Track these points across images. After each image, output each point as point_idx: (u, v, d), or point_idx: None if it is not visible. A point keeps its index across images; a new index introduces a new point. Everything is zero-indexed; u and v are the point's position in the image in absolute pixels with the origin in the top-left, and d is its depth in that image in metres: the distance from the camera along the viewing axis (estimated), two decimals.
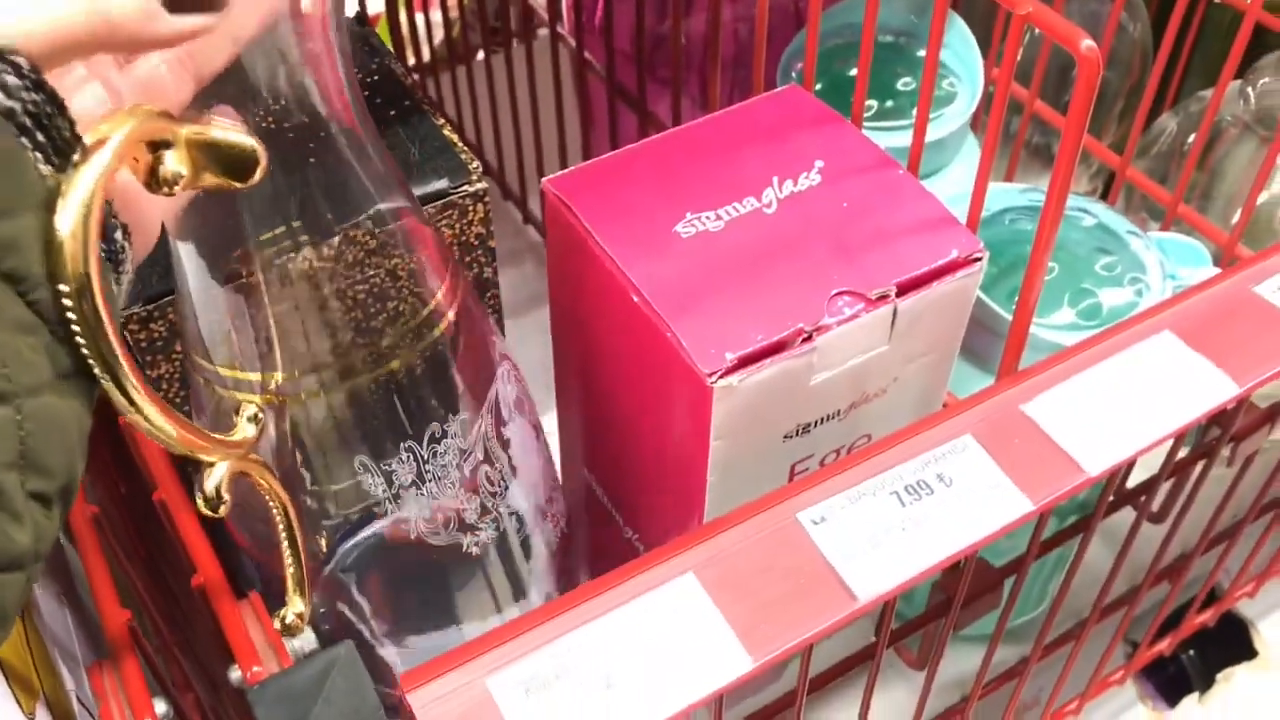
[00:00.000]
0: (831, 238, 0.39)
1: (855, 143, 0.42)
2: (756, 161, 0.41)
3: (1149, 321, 0.39)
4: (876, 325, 0.38)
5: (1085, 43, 0.31)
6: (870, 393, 0.41)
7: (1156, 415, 0.36)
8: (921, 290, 0.38)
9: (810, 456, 0.41)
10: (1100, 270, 0.44)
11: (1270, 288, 0.40)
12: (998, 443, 0.36)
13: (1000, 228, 0.46)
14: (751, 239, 0.39)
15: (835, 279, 0.38)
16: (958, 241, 0.39)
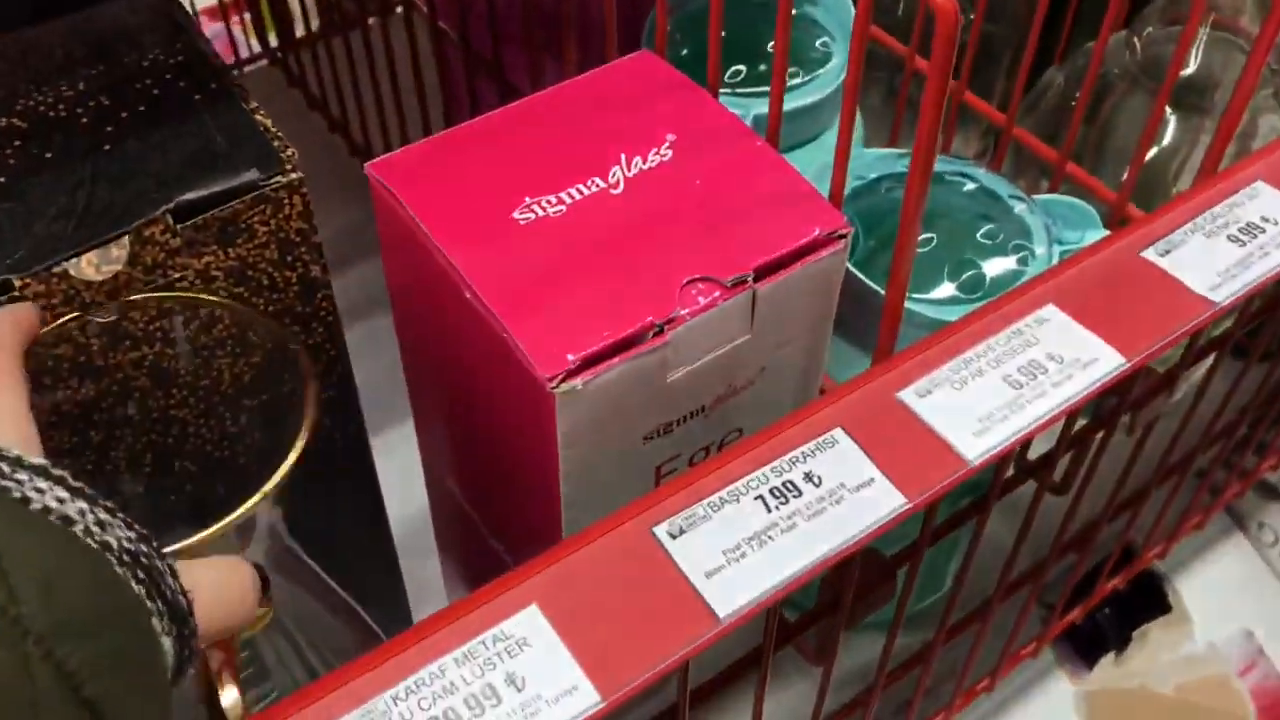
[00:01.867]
0: (683, 219, 0.36)
1: (711, 113, 0.39)
2: (603, 137, 0.38)
3: (1030, 294, 0.36)
4: (735, 314, 0.35)
5: None
6: (738, 385, 0.37)
7: (1042, 396, 0.34)
8: (783, 274, 0.35)
9: (677, 456, 0.38)
10: (982, 239, 0.42)
11: (1157, 252, 0.37)
12: (871, 435, 0.33)
13: (877, 197, 0.43)
14: (596, 224, 0.35)
15: (688, 265, 0.34)
16: (820, 218, 0.35)
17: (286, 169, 0.35)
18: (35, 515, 0.23)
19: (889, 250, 0.41)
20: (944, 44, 0.29)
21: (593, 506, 0.37)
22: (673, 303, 0.34)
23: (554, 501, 0.36)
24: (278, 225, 0.35)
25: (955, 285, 0.41)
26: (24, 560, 0.22)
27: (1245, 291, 0.36)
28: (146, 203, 0.34)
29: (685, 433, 0.37)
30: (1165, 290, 0.36)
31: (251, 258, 0.36)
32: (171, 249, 0.34)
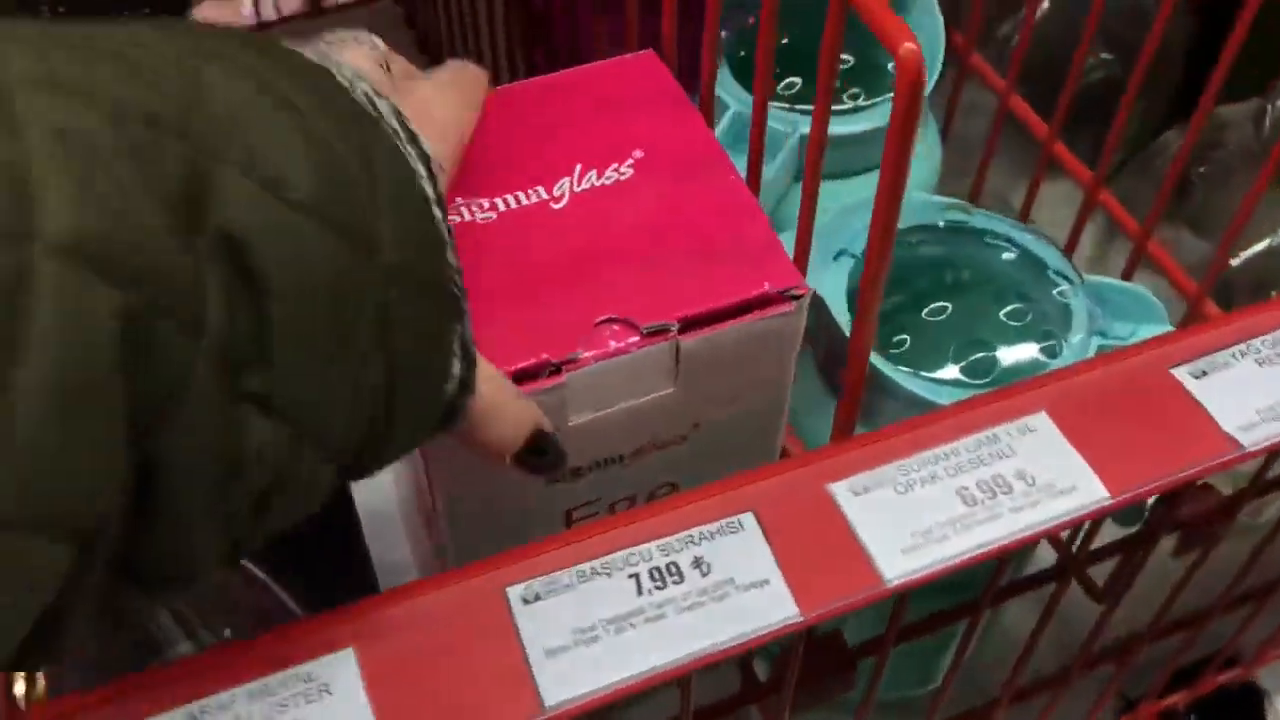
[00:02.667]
0: (621, 250, 0.32)
1: (692, 134, 0.34)
2: (565, 142, 0.34)
3: (1023, 395, 0.31)
4: (651, 364, 0.31)
5: (906, 45, 0.23)
6: (664, 439, 0.33)
7: (995, 519, 0.29)
8: (714, 329, 0.31)
9: (596, 501, 0.35)
10: (1005, 318, 0.36)
11: (1191, 371, 0.32)
12: (783, 527, 0.29)
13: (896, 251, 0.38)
14: (525, 239, 0.32)
15: (609, 303, 0.30)
16: (775, 274, 0.31)
17: None
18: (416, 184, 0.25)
19: (900, 315, 0.37)
20: (904, 98, 0.24)
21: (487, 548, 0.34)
22: (576, 342, 0.30)
23: (440, 535, 0.33)
24: None
25: (960, 367, 0.36)
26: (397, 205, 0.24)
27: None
28: None
29: (600, 480, 0.34)
30: (1186, 419, 0.31)
31: None
32: None
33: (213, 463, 0.21)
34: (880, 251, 0.27)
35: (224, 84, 0.21)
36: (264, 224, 0.21)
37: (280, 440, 0.22)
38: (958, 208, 0.38)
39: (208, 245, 0.20)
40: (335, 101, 0.24)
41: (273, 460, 0.22)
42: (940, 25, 0.44)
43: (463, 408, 0.27)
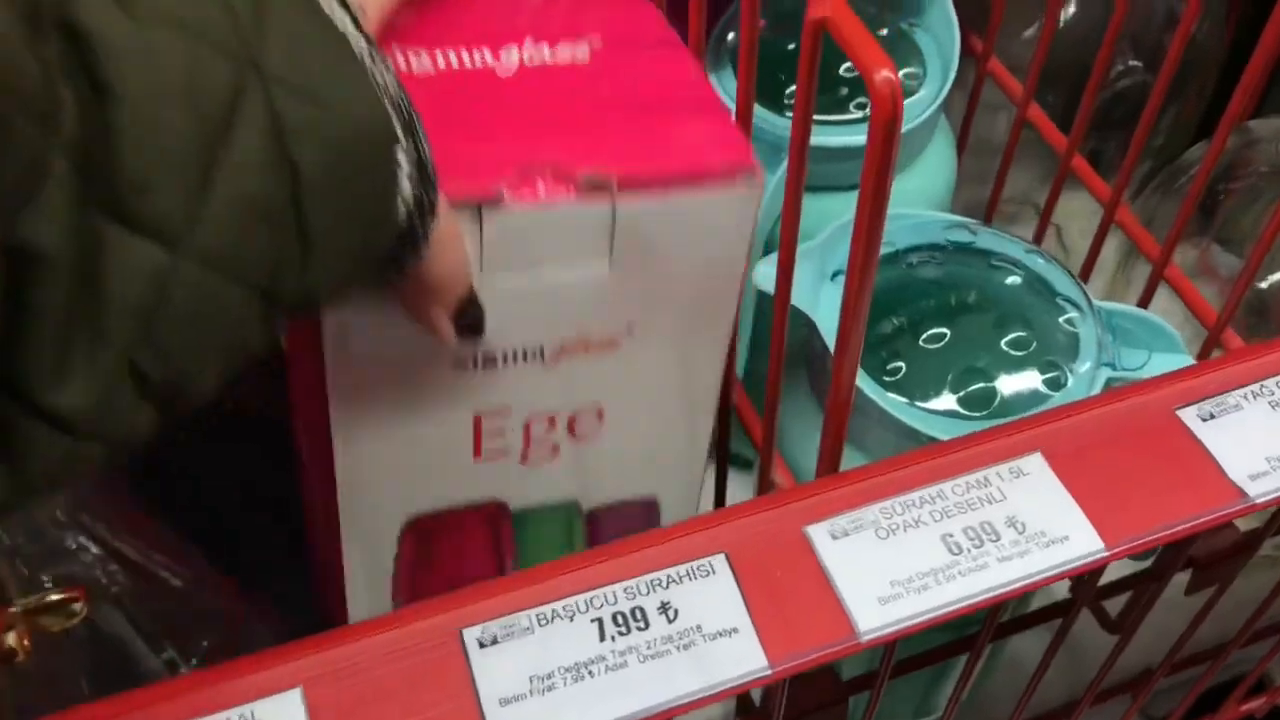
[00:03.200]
0: (565, 118, 0.30)
1: (654, 30, 0.32)
2: (527, 14, 0.32)
3: (1016, 435, 0.29)
4: (585, 224, 0.28)
5: (882, 73, 0.22)
6: (592, 340, 0.31)
7: (980, 570, 0.27)
8: (657, 194, 0.28)
9: (505, 414, 0.32)
10: (1007, 346, 0.35)
11: (1198, 414, 0.30)
12: (757, 572, 0.27)
13: (897, 272, 0.36)
14: (461, 99, 0.30)
15: (543, 149, 0.28)
16: (726, 151, 0.29)
17: None
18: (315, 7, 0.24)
19: (898, 342, 0.35)
20: (878, 131, 0.23)
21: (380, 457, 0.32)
22: (503, 184, 0.28)
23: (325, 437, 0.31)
24: None
25: (957, 398, 0.34)
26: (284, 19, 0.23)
27: None
28: None
29: (516, 380, 0.31)
30: (1191, 465, 0.29)
31: None
32: None
33: (71, 264, 0.21)
34: (860, 284, 0.25)
35: None
36: (111, 31, 0.21)
37: (142, 251, 0.22)
38: (962, 226, 0.37)
39: (57, 53, 0.21)
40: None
41: (138, 272, 0.22)
42: (955, 31, 0.43)
43: (425, 231, 0.26)
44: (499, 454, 0.34)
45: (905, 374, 0.34)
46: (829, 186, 0.42)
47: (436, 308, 0.28)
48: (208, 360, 0.24)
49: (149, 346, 0.22)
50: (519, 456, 0.35)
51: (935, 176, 0.44)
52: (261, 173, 0.23)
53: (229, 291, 0.23)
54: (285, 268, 0.24)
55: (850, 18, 0.22)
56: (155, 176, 0.21)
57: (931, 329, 0.35)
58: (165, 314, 0.22)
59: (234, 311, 0.23)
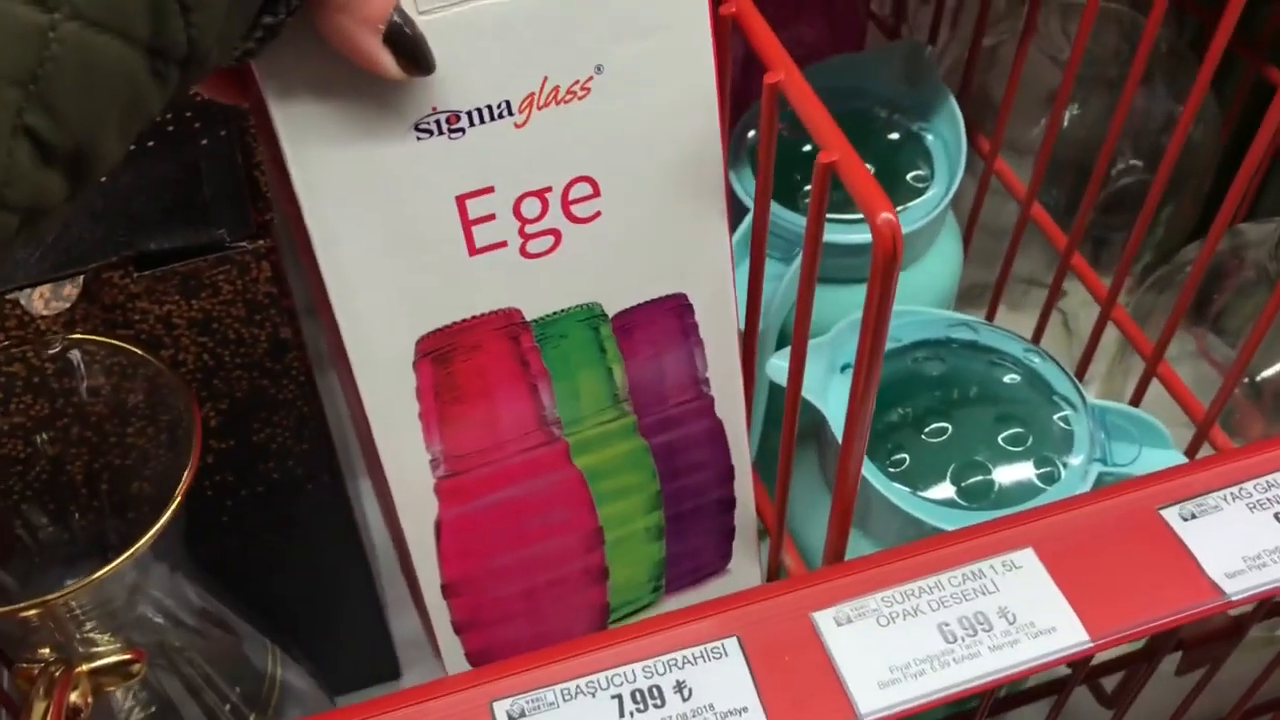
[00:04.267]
0: None
1: None
2: None
3: (1010, 531, 0.32)
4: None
5: (883, 215, 0.24)
6: (561, 85, 0.29)
7: (973, 657, 0.29)
8: None
9: (489, 193, 0.30)
10: (1004, 442, 0.37)
11: (1180, 514, 0.32)
12: (767, 655, 0.29)
13: (903, 366, 0.39)
14: None
15: None
16: None
17: (254, 235, 0.34)
18: None
19: (896, 433, 0.38)
20: (881, 269, 0.25)
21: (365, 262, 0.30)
22: None
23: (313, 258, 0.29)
24: (244, 286, 0.35)
25: (957, 489, 0.36)
26: None
27: (1267, 590, 0.31)
28: (111, 245, 0.34)
29: (491, 148, 0.29)
30: (1171, 563, 0.31)
31: (216, 312, 0.35)
32: (131, 293, 0.34)
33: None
34: (864, 390, 0.28)
35: None
36: None
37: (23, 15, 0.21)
38: (965, 325, 0.39)
39: None
40: None
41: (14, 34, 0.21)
42: (963, 136, 0.45)
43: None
44: (495, 246, 0.32)
45: (909, 464, 0.37)
46: (841, 279, 0.45)
47: (363, 31, 0.26)
48: (105, 121, 0.23)
49: (40, 110, 0.22)
50: (518, 249, 0.32)
51: (941, 270, 0.46)
52: None
53: (112, 46, 0.22)
54: (166, 17, 0.23)
55: (856, 163, 0.25)
56: None
57: (934, 422, 0.37)
58: (50, 74, 0.22)
59: (121, 68, 0.23)
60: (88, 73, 0.22)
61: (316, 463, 0.42)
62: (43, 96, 0.22)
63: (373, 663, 0.53)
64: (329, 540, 0.46)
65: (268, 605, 0.42)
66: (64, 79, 0.22)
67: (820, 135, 0.26)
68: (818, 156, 0.26)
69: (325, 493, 0.43)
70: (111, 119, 0.23)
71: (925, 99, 0.47)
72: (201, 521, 0.41)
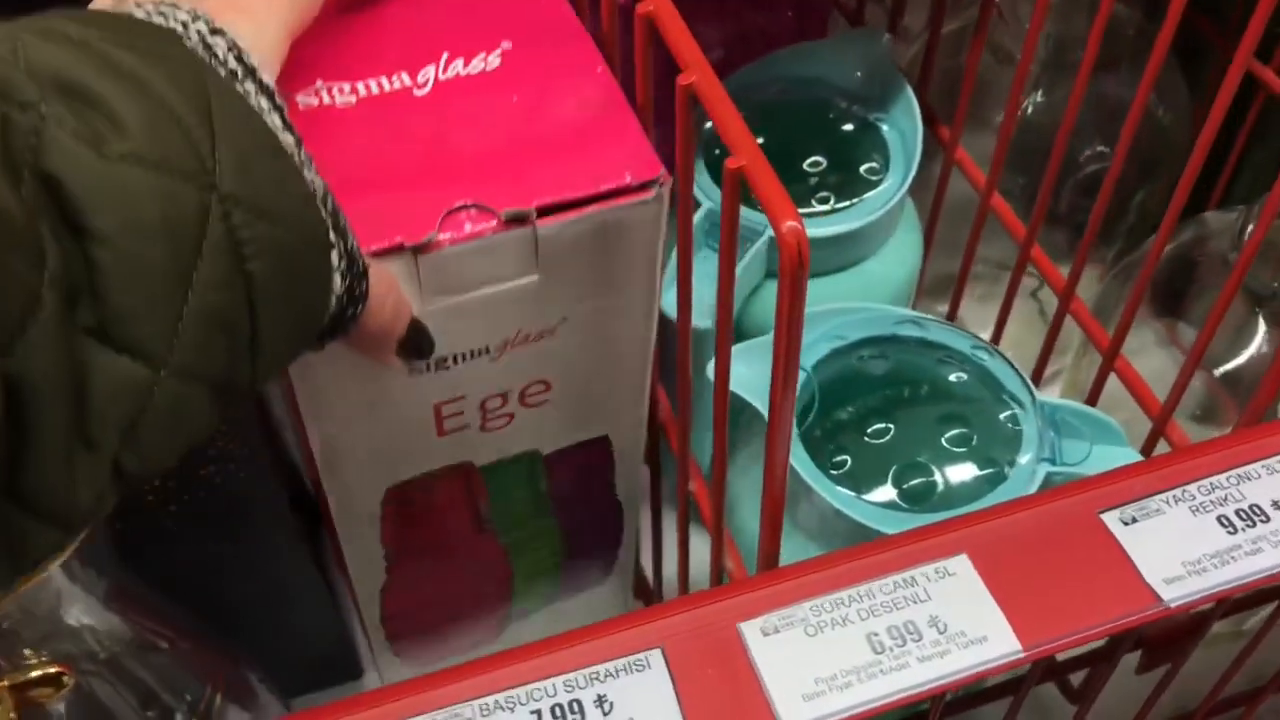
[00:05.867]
0: (482, 137, 0.33)
1: (563, 26, 0.35)
2: (435, 30, 0.35)
3: (944, 537, 0.31)
4: (511, 250, 0.32)
5: (788, 224, 0.23)
6: (531, 332, 0.35)
7: (901, 669, 0.29)
8: (573, 214, 0.32)
9: (461, 399, 0.36)
10: (948, 443, 0.36)
11: (1120, 518, 0.31)
12: (691, 668, 0.29)
13: (848, 364, 0.38)
14: (383, 124, 0.33)
15: (466, 188, 0.32)
16: (636, 164, 0.32)
17: None
18: (254, 117, 0.26)
19: (845, 435, 0.37)
20: (788, 278, 0.24)
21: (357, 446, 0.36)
22: (432, 225, 0.31)
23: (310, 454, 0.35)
24: None
25: (899, 491, 0.35)
26: (233, 138, 0.25)
27: (1207, 595, 0.30)
28: None
29: (470, 373, 0.35)
30: (1110, 569, 0.30)
31: None
32: None
33: (64, 387, 0.23)
34: (782, 396, 0.27)
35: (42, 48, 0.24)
36: (84, 175, 0.23)
37: (127, 371, 0.24)
38: (912, 322, 0.38)
39: (31, 192, 0.22)
40: (169, 51, 0.26)
41: (125, 390, 0.24)
42: (918, 125, 0.44)
43: (355, 317, 0.29)
44: (459, 429, 0.38)
45: (851, 466, 0.36)
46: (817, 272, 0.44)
47: (385, 349, 0.32)
48: (177, 451, 0.26)
49: (132, 450, 0.24)
50: (478, 428, 0.38)
51: (899, 263, 0.46)
52: (224, 288, 0.25)
53: (198, 395, 0.25)
54: (238, 365, 0.26)
55: (764, 168, 0.24)
56: (138, 305, 0.23)
57: (878, 422, 0.37)
58: (146, 422, 0.24)
59: (201, 411, 0.26)
60: (174, 418, 0.25)
61: (259, 466, 0.41)
62: (137, 440, 0.24)
63: (333, 663, 0.52)
64: (280, 542, 0.45)
65: (218, 610, 0.42)
66: (155, 426, 0.25)
67: (730, 139, 0.25)
68: (725, 161, 0.25)
69: (270, 498, 0.43)
70: (180, 449, 0.26)
71: (882, 88, 0.46)
72: (142, 529, 0.40)
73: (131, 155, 0.23)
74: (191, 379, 0.25)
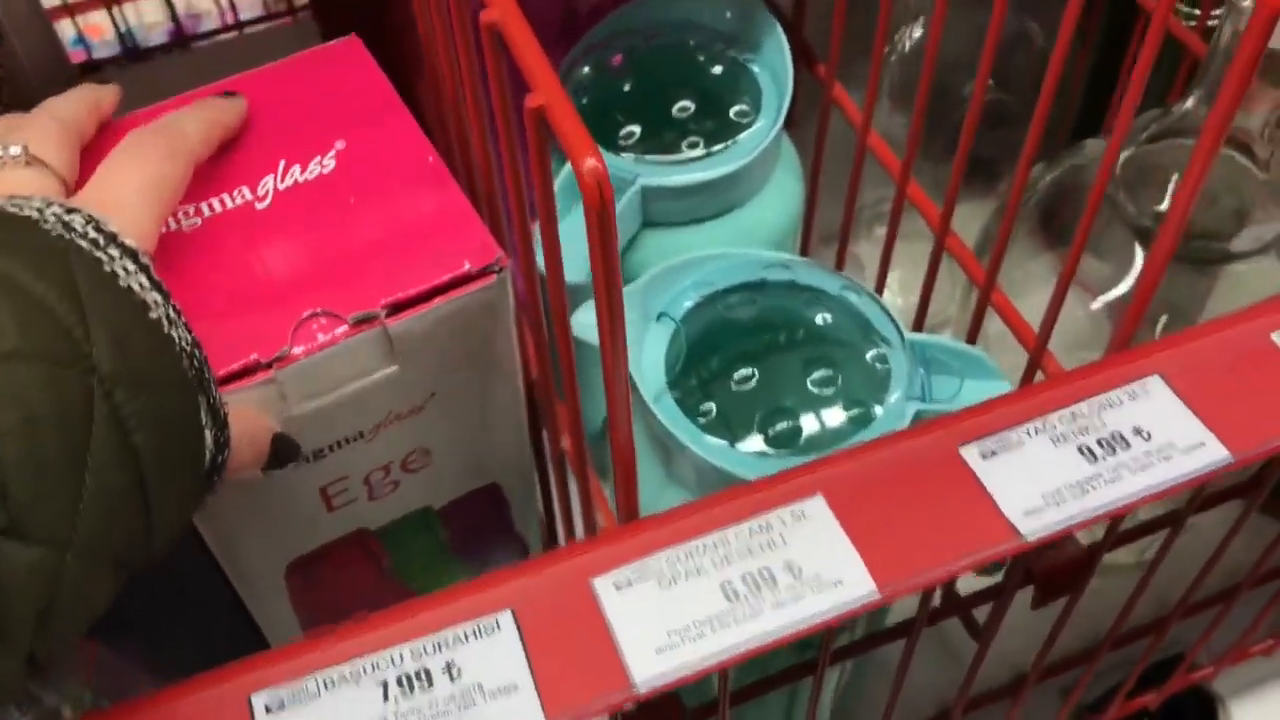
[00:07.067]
0: (325, 243, 0.34)
1: (394, 121, 0.37)
2: (269, 139, 0.36)
3: (800, 479, 0.30)
4: (365, 350, 0.33)
5: (588, 161, 0.22)
6: (401, 411, 0.35)
7: (754, 617, 0.28)
8: (422, 309, 0.33)
9: (344, 479, 0.37)
10: (814, 385, 0.35)
11: (979, 451, 0.31)
12: (542, 627, 0.28)
13: (714, 314, 0.37)
14: (231, 242, 0.34)
15: (314, 297, 0.33)
16: (473, 251, 0.33)
17: None
18: (120, 287, 0.27)
19: (711, 384, 0.36)
20: (594, 216, 0.23)
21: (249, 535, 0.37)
22: (284, 339, 0.32)
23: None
24: None
25: (765, 437, 0.35)
26: (103, 316, 0.26)
27: (1066, 528, 0.30)
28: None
29: (348, 456, 0.36)
30: (967, 503, 0.30)
31: None
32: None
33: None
34: (613, 361, 0.26)
35: None
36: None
37: (35, 560, 0.24)
38: (780, 265, 0.38)
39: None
40: (27, 241, 0.26)
41: (34, 579, 0.24)
42: (788, 64, 0.43)
43: (223, 466, 0.30)
44: (348, 503, 0.39)
45: (720, 415, 0.35)
46: (675, 222, 0.43)
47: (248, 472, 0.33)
48: (79, 631, 0.27)
49: (41, 637, 0.25)
50: (366, 499, 0.39)
51: (779, 208, 0.45)
52: (115, 465, 0.25)
53: (103, 573, 0.26)
54: (136, 537, 0.27)
55: (564, 106, 0.23)
56: (41, 495, 0.24)
57: (744, 369, 0.36)
58: (55, 609, 0.25)
59: (106, 587, 0.26)
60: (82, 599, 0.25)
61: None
62: (45, 626, 0.25)
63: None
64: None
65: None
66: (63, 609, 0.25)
67: (531, 77, 0.24)
68: (526, 100, 0.24)
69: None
70: (84, 627, 0.27)
71: (752, 28, 0.45)
72: None
73: (14, 354, 0.24)
74: (95, 559, 0.25)
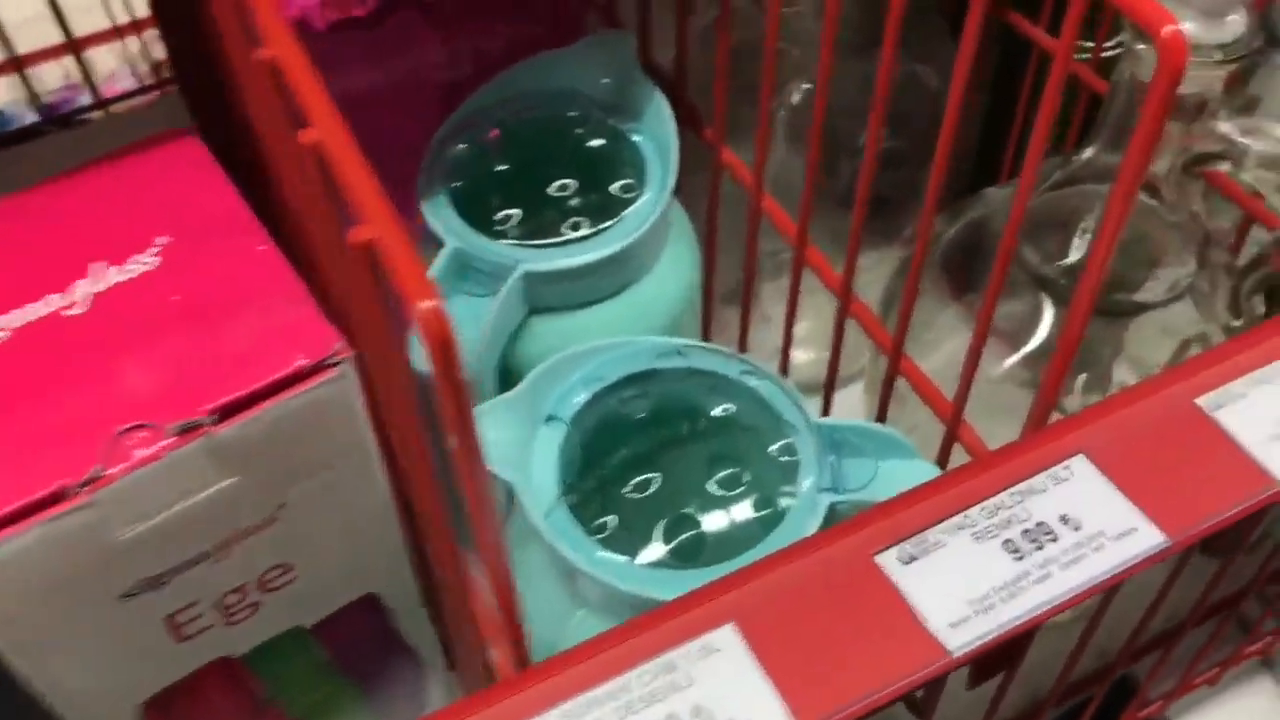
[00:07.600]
0: (147, 347, 0.31)
1: (223, 212, 0.33)
2: (86, 240, 0.32)
3: (708, 606, 0.27)
4: (193, 463, 0.29)
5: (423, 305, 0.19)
6: (249, 526, 0.32)
7: None
8: (254, 412, 0.30)
9: (194, 604, 0.33)
10: (716, 486, 0.33)
11: (899, 557, 0.28)
12: None
13: (606, 409, 0.34)
14: (41, 355, 0.30)
15: (132, 409, 0.29)
16: (307, 344, 0.30)
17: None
18: None
19: (606, 492, 0.33)
20: (439, 352, 0.20)
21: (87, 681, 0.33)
22: (95, 458, 0.28)
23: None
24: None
25: (669, 549, 0.32)
26: None
27: (995, 636, 0.27)
28: None
29: (192, 580, 0.32)
30: (891, 620, 0.27)
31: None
32: None
33: None
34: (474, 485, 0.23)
35: None
36: None
37: None
38: (674, 352, 0.35)
39: None
40: None
41: None
42: (672, 132, 0.41)
43: None
44: (201, 631, 0.35)
45: (618, 527, 0.32)
46: (563, 306, 0.40)
47: None
48: None
49: None
50: (222, 625, 0.35)
51: (675, 279, 0.42)
52: None
53: None
54: None
55: (399, 240, 0.20)
56: None
57: (643, 472, 0.33)
58: None
59: None
60: None
61: None
62: None
63: None
64: None
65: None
66: None
67: (359, 205, 0.21)
68: (350, 233, 0.21)
69: None
70: None
71: (632, 94, 0.43)
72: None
73: None
74: None
